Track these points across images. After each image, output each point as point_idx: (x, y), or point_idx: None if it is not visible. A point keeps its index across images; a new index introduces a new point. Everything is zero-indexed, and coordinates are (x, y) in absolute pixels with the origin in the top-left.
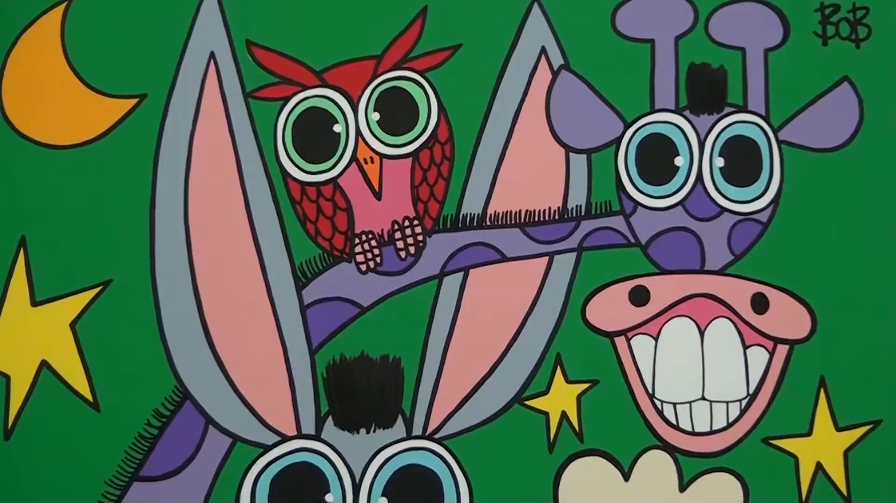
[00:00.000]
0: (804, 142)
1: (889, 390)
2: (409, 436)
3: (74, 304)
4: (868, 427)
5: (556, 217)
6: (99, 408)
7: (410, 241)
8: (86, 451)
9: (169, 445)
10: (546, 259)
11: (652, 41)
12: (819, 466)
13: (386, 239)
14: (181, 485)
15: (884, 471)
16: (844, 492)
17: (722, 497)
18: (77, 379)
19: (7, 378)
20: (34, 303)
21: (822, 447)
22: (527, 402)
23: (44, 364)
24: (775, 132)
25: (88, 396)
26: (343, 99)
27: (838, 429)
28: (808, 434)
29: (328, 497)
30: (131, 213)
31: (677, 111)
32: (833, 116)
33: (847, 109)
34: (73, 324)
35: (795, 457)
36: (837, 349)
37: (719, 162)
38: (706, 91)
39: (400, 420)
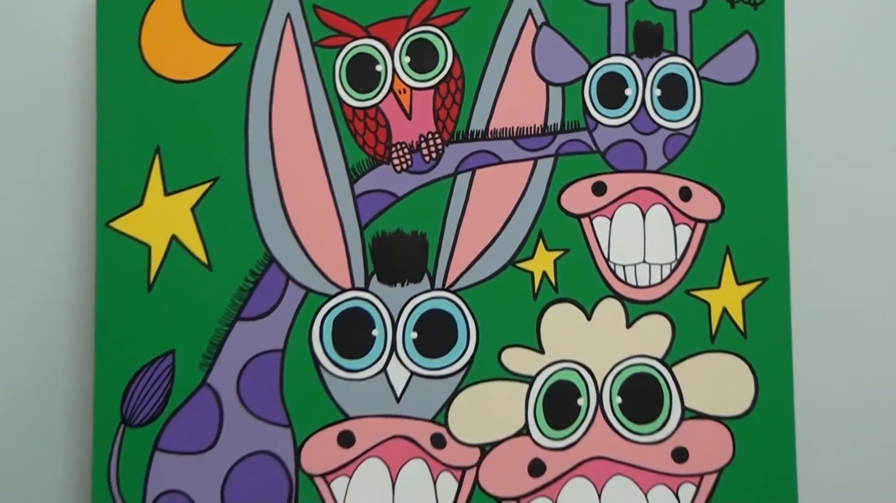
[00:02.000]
0: (717, 77)
1: (772, 257)
2: (433, 288)
3: (193, 195)
4: (759, 282)
5: (539, 132)
6: (211, 268)
7: (433, 149)
8: (203, 299)
9: (261, 295)
10: (532, 162)
11: (609, 5)
12: (724, 310)
13: (415, 148)
14: (270, 323)
15: (769, 314)
16: (742, 329)
17: (656, 332)
18: (196, 247)
19: (148, 247)
20: (166, 194)
21: (727, 296)
22: (518, 265)
23: (173, 237)
24: (697, 70)
25: (204, 260)
26: (383, 46)
27: (738, 283)
28: (718, 287)
29: (374, 331)
30: (231, 129)
31: (627, 55)
32: (738, 59)
33: (747, 54)
34: (193, 209)
35: (708, 304)
36: (739, 227)
37: (657, 92)
38: (648, 41)
39: (426, 276)
